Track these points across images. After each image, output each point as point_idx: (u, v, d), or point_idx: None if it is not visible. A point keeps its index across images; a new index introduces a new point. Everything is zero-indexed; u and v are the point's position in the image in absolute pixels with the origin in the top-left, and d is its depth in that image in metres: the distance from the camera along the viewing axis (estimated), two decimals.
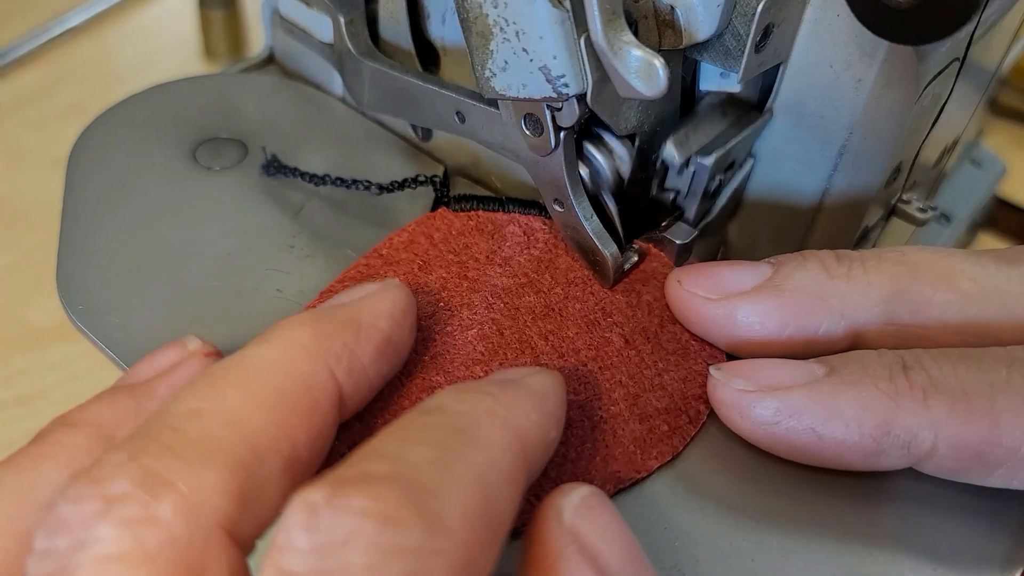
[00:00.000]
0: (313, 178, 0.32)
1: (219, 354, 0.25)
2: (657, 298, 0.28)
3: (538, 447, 0.20)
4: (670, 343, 0.27)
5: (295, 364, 0.20)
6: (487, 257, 0.29)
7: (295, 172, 0.33)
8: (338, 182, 0.32)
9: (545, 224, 0.30)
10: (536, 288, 0.28)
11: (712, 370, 0.24)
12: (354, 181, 0.32)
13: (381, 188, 0.32)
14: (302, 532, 0.16)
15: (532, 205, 0.30)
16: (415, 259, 0.29)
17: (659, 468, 0.24)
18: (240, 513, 0.18)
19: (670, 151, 0.28)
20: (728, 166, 0.29)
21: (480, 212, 0.30)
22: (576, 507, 0.19)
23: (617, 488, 0.24)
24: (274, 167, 0.33)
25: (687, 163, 0.28)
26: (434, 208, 0.31)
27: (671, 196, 0.30)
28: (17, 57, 0.62)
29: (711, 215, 0.30)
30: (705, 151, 0.28)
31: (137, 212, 0.31)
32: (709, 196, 0.30)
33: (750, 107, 0.30)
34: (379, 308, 0.23)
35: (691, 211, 0.30)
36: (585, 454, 0.24)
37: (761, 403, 0.23)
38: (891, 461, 0.22)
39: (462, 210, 0.30)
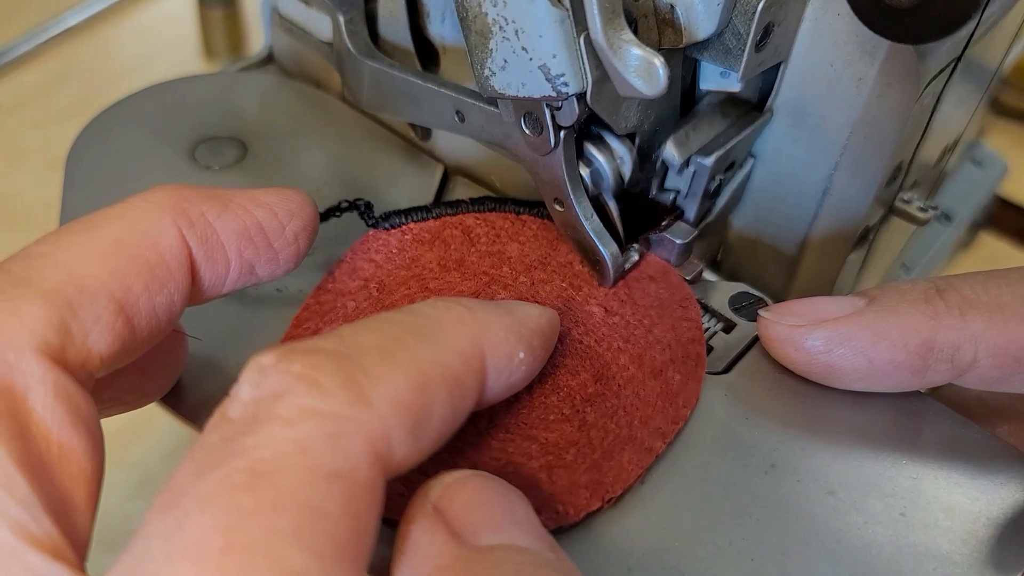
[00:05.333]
0: None
1: None
2: None
3: (500, 360, 0.21)
4: (643, 299, 0.27)
5: (141, 218, 0.21)
6: (440, 265, 0.29)
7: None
8: None
9: (478, 219, 0.30)
10: (501, 283, 0.28)
11: (762, 312, 0.26)
12: None
13: None
14: (248, 386, 0.18)
15: (457, 205, 0.30)
16: (367, 284, 0.28)
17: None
18: (60, 341, 0.19)
19: (670, 151, 0.28)
20: (728, 166, 0.29)
21: (412, 225, 0.30)
22: (447, 485, 0.20)
23: (666, 442, 0.24)
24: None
25: (687, 163, 0.28)
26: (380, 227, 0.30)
27: (671, 196, 0.30)
28: (17, 57, 0.62)
29: (711, 215, 0.30)
30: (705, 151, 0.28)
31: None
32: (709, 196, 0.29)
33: (750, 107, 0.30)
34: (261, 197, 0.23)
35: (691, 211, 0.30)
36: (624, 421, 0.24)
37: (812, 335, 0.25)
38: (936, 376, 0.24)
39: (393, 227, 0.30)
